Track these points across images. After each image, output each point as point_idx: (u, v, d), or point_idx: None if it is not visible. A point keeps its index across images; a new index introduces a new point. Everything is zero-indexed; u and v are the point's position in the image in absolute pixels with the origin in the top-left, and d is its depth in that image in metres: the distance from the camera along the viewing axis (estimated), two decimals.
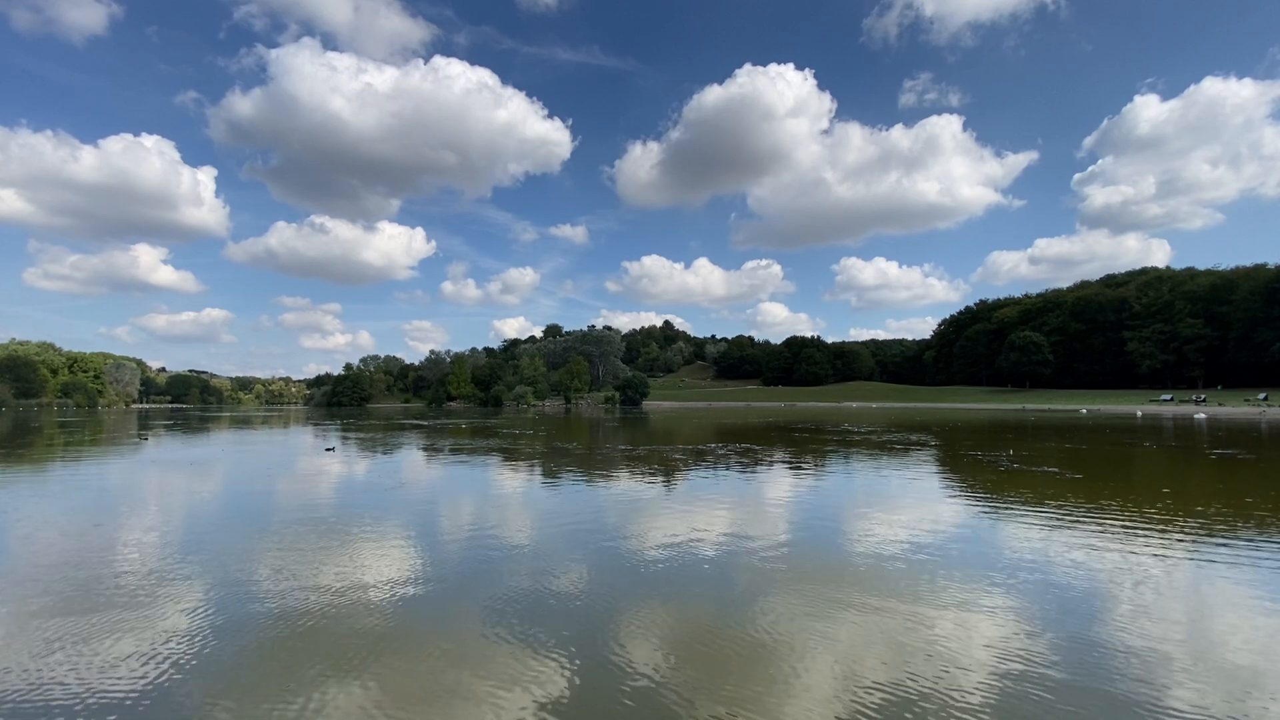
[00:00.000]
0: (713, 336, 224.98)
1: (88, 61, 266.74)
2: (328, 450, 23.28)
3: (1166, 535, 8.35)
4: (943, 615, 5.44)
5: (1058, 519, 9.49)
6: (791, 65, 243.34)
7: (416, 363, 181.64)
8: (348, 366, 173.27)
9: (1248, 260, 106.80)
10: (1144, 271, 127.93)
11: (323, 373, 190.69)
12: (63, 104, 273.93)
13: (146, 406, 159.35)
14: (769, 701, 3.96)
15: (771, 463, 18.22)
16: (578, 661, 4.55)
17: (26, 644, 4.88)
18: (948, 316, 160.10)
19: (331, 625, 5.25)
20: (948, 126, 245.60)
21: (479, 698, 4.02)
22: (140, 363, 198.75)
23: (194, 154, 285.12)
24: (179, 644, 4.87)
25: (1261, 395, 72.71)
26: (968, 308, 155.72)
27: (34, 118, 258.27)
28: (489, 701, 3.97)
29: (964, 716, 3.76)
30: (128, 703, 3.97)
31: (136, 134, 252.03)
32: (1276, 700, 3.95)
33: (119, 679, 4.28)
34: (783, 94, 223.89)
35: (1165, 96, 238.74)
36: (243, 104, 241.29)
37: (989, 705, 3.89)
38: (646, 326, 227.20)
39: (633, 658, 4.60)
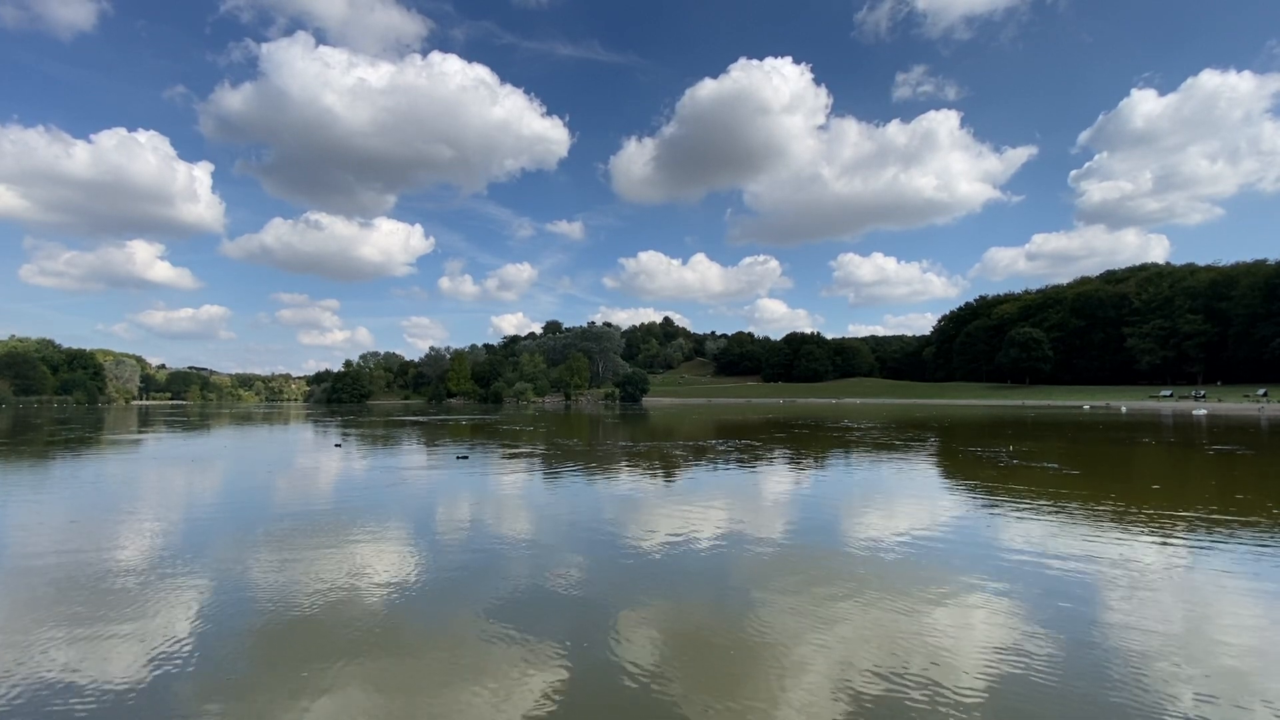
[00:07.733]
0: (712, 333, 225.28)
1: (78, 56, 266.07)
2: (336, 446, 24.00)
3: (1163, 531, 8.37)
4: (942, 613, 5.46)
5: (1056, 515, 9.52)
6: (789, 59, 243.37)
7: (416, 359, 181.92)
8: (347, 363, 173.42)
9: (1247, 255, 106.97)
10: (1144, 267, 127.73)
11: (322, 369, 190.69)
12: (55, 99, 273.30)
13: (147, 403, 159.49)
14: (768, 699, 3.99)
15: (771, 459, 18.24)
16: (575, 659, 4.57)
17: (21, 642, 4.91)
18: (948, 313, 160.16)
19: (329, 622, 5.27)
20: (945, 122, 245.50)
21: (477, 695, 4.04)
22: (139, 359, 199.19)
23: (189, 150, 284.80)
24: (174, 641, 4.88)
25: (1261, 391, 72.76)
26: (968, 304, 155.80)
27: (25, 113, 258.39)
28: (487, 698, 4.00)
29: (962, 714, 3.79)
30: (124, 700, 4.00)
31: (131, 129, 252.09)
32: (1269, 696, 3.98)
33: (115, 676, 4.30)
34: (778, 89, 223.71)
35: (1163, 90, 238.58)
36: (232, 99, 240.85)
37: (987, 703, 3.92)
38: (646, 323, 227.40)
39: (631, 655, 4.63)
